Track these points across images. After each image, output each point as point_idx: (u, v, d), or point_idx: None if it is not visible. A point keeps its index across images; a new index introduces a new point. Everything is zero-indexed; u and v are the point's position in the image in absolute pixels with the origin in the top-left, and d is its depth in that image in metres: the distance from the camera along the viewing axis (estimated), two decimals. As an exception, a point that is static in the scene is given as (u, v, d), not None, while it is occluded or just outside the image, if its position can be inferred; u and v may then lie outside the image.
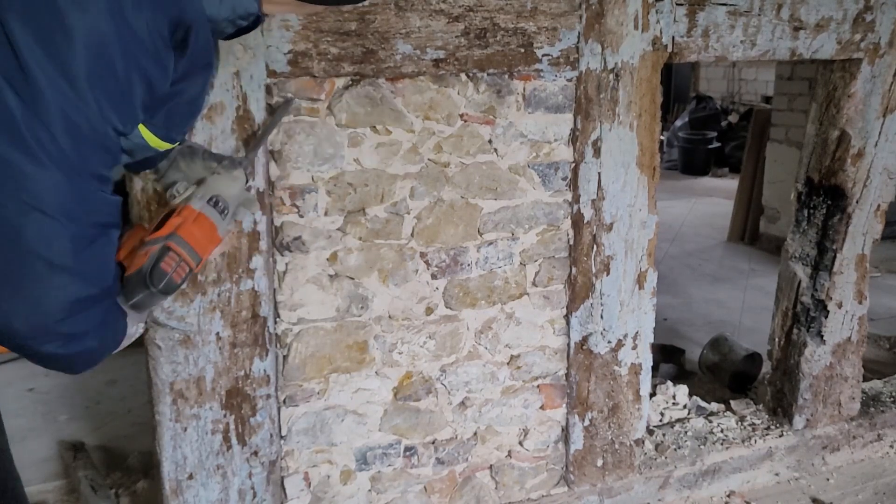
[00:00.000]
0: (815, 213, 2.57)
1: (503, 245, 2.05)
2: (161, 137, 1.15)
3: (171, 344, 1.74)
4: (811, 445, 2.67)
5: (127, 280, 1.23)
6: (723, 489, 2.55)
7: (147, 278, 1.22)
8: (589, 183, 2.08)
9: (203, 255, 1.32)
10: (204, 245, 1.32)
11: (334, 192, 1.83)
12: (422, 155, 1.90)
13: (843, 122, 2.43)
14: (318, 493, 2.00)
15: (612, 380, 2.27)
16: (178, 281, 1.26)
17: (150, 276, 1.23)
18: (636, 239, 2.19)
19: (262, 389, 1.84)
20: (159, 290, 1.23)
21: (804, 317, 2.62)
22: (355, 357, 1.95)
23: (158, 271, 1.23)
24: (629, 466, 2.38)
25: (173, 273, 1.25)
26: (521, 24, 1.89)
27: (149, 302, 1.25)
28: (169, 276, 1.24)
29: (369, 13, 1.73)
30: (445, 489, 2.16)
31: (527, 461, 2.25)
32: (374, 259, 1.91)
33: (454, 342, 2.06)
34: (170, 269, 1.24)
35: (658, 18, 2.03)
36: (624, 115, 2.07)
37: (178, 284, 1.27)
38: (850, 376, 2.70)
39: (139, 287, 1.23)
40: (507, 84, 1.94)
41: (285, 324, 1.86)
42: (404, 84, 1.84)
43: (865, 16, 2.29)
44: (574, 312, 2.17)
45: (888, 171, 2.51)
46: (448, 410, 2.10)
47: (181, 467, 1.82)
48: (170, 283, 1.24)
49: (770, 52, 2.22)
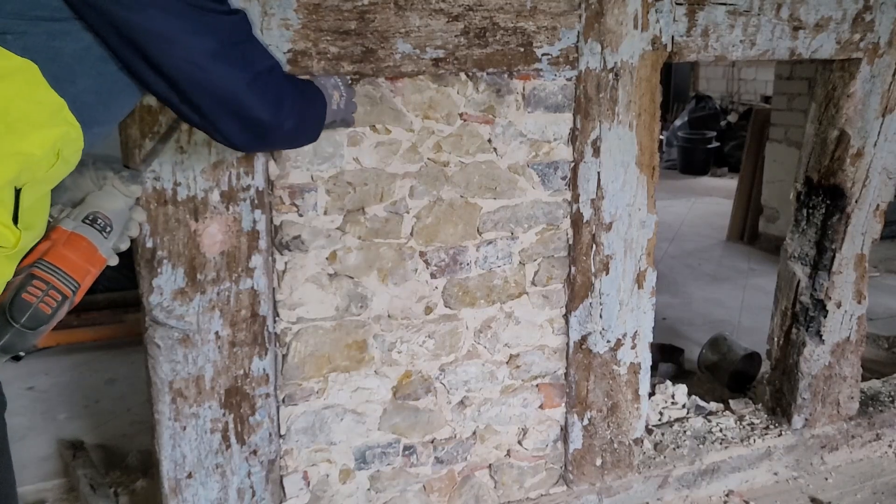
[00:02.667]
0: (815, 213, 2.58)
1: (502, 244, 2.05)
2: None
3: (171, 343, 1.74)
4: (810, 445, 2.68)
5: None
6: (721, 488, 2.55)
7: (6, 313, 1.07)
8: (588, 182, 2.09)
9: (81, 280, 1.15)
10: (80, 267, 1.15)
11: (334, 192, 1.83)
12: (421, 154, 1.90)
13: (842, 121, 2.43)
14: (318, 492, 2.00)
15: (611, 379, 2.27)
16: (47, 312, 1.09)
17: (10, 309, 1.07)
18: (635, 238, 2.19)
19: (261, 388, 1.85)
20: (22, 324, 1.07)
21: (803, 316, 2.62)
22: (354, 356, 1.95)
23: (20, 302, 1.07)
24: (628, 466, 2.38)
25: (39, 303, 1.08)
26: (521, 23, 1.89)
27: (19, 341, 1.09)
28: (34, 306, 1.08)
29: (369, 12, 1.73)
30: (444, 488, 2.16)
31: (526, 460, 2.25)
32: (373, 258, 1.91)
33: (453, 341, 2.06)
34: (34, 300, 1.08)
35: (658, 18, 2.03)
36: (623, 115, 2.07)
37: (49, 316, 1.10)
38: (848, 376, 2.70)
39: (2, 326, 1.07)
40: (506, 83, 1.94)
41: (284, 323, 1.87)
42: (404, 83, 1.84)
43: (865, 16, 2.29)
44: (573, 312, 2.17)
45: (887, 170, 2.51)
46: (447, 410, 2.10)
47: (180, 466, 1.82)
48: (36, 314, 1.08)
49: (769, 52, 2.22)
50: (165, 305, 1.71)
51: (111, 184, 1.23)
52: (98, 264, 1.19)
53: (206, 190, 1.69)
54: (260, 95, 1.19)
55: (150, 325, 1.72)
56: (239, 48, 1.16)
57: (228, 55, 1.13)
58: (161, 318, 1.71)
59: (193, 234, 1.70)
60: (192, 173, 1.67)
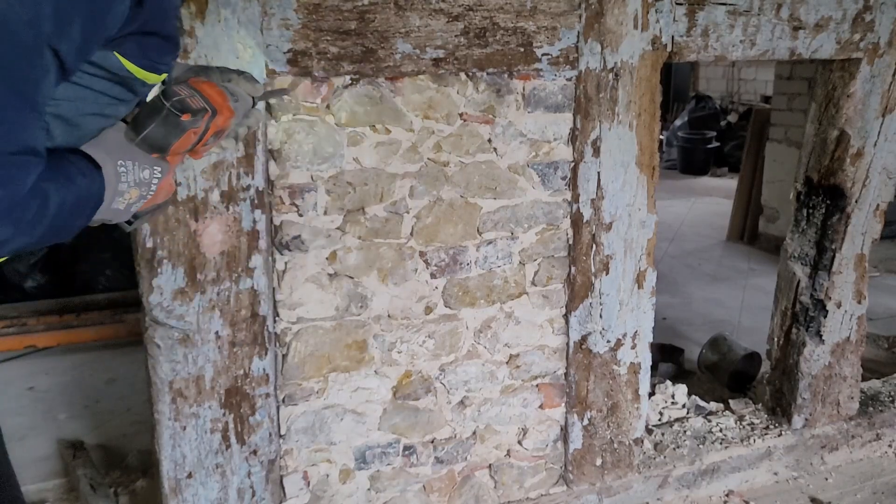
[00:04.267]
0: (815, 213, 2.58)
1: (502, 244, 2.05)
2: (144, 67, 1.09)
3: (171, 343, 1.74)
4: (810, 445, 2.68)
5: (136, 116, 1.14)
6: (721, 488, 2.55)
7: (160, 97, 1.13)
8: (588, 182, 2.09)
9: (218, 110, 1.21)
10: (219, 102, 1.22)
11: (334, 191, 1.83)
12: (421, 154, 1.90)
13: (842, 121, 2.43)
14: (317, 492, 2.00)
15: (611, 379, 2.27)
16: (193, 105, 1.16)
17: (163, 93, 1.14)
18: (635, 238, 2.19)
19: (261, 388, 1.85)
20: (172, 104, 1.13)
21: (803, 316, 2.62)
22: (354, 356, 1.95)
23: (171, 90, 1.15)
24: (628, 466, 2.38)
25: (188, 98, 1.16)
26: (521, 23, 1.89)
27: (162, 131, 1.14)
28: (183, 97, 1.15)
29: (369, 12, 1.73)
30: (444, 488, 2.16)
31: (526, 460, 2.25)
32: (373, 258, 1.91)
33: (453, 341, 2.06)
34: (184, 94, 1.15)
35: (658, 18, 2.03)
36: (623, 115, 2.07)
37: (194, 109, 1.16)
38: (848, 376, 2.70)
39: (152, 114, 1.13)
40: (506, 83, 1.94)
41: (284, 323, 1.87)
42: (404, 83, 1.84)
43: (865, 16, 2.29)
44: (573, 312, 2.17)
45: (887, 170, 2.51)
46: (447, 409, 2.10)
47: (180, 466, 1.82)
48: (183, 101, 1.15)
49: (769, 52, 2.22)
50: (165, 305, 1.71)
51: (236, 82, 1.34)
52: (227, 110, 1.25)
53: (206, 190, 1.69)
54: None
55: (150, 325, 1.72)
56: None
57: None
58: (161, 318, 1.71)
59: (193, 233, 1.70)
60: (192, 173, 1.67)
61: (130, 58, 1.06)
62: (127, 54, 1.05)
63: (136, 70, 1.08)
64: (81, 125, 1.08)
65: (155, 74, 1.12)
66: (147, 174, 1.15)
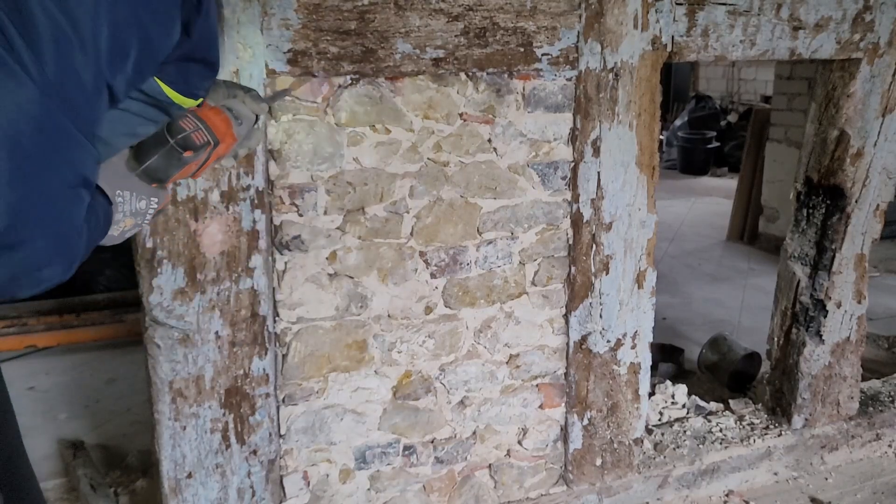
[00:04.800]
0: (815, 213, 2.58)
1: (502, 244, 2.05)
2: (182, 93, 1.11)
3: (171, 343, 1.74)
4: (810, 445, 2.68)
5: (139, 146, 1.16)
6: (721, 488, 2.55)
7: (165, 131, 1.15)
8: (588, 182, 2.09)
9: (221, 140, 1.24)
10: (222, 131, 1.25)
11: (334, 191, 1.83)
12: (421, 154, 1.90)
13: (842, 121, 2.43)
14: (317, 492, 2.00)
15: (611, 379, 2.27)
16: (196, 141, 1.18)
17: (168, 128, 1.16)
18: (635, 238, 2.19)
19: (261, 388, 1.85)
20: (176, 141, 1.16)
21: (803, 316, 2.62)
22: (354, 356, 1.95)
23: (177, 126, 1.16)
24: (628, 466, 2.38)
25: (193, 133, 1.18)
26: (521, 23, 1.89)
27: (164, 164, 1.17)
28: (188, 132, 1.17)
29: (369, 12, 1.73)
30: (444, 488, 2.16)
31: (526, 460, 2.25)
32: (373, 258, 1.91)
33: (453, 341, 2.06)
34: (188, 128, 1.18)
35: (658, 18, 2.03)
36: (623, 115, 2.07)
37: (197, 145, 1.18)
38: (848, 376, 2.70)
39: (156, 147, 1.15)
40: (506, 83, 1.94)
41: (284, 323, 1.87)
42: (404, 83, 1.84)
43: (865, 16, 2.29)
44: (573, 312, 2.17)
45: (887, 170, 2.51)
46: (447, 409, 2.10)
47: (180, 466, 1.82)
48: (188, 138, 1.17)
49: (769, 52, 2.22)
50: (165, 305, 1.71)
51: (241, 99, 1.36)
52: (230, 138, 1.29)
53: (205, 190, 1.69)
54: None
55: (150, 324, 1.72)
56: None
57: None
58: (161, 318, 1.71)
59: (193, 233, 1.70)
60: (192, 173, 1.67)
61: (171, 83, 1.08)
62: (168, 80, 1.08)
63: (174, 96, 1.10)
64: (113, 144, 1.09)
65: (192, 100, 1.14)
66: (143, 205, 1.17)
